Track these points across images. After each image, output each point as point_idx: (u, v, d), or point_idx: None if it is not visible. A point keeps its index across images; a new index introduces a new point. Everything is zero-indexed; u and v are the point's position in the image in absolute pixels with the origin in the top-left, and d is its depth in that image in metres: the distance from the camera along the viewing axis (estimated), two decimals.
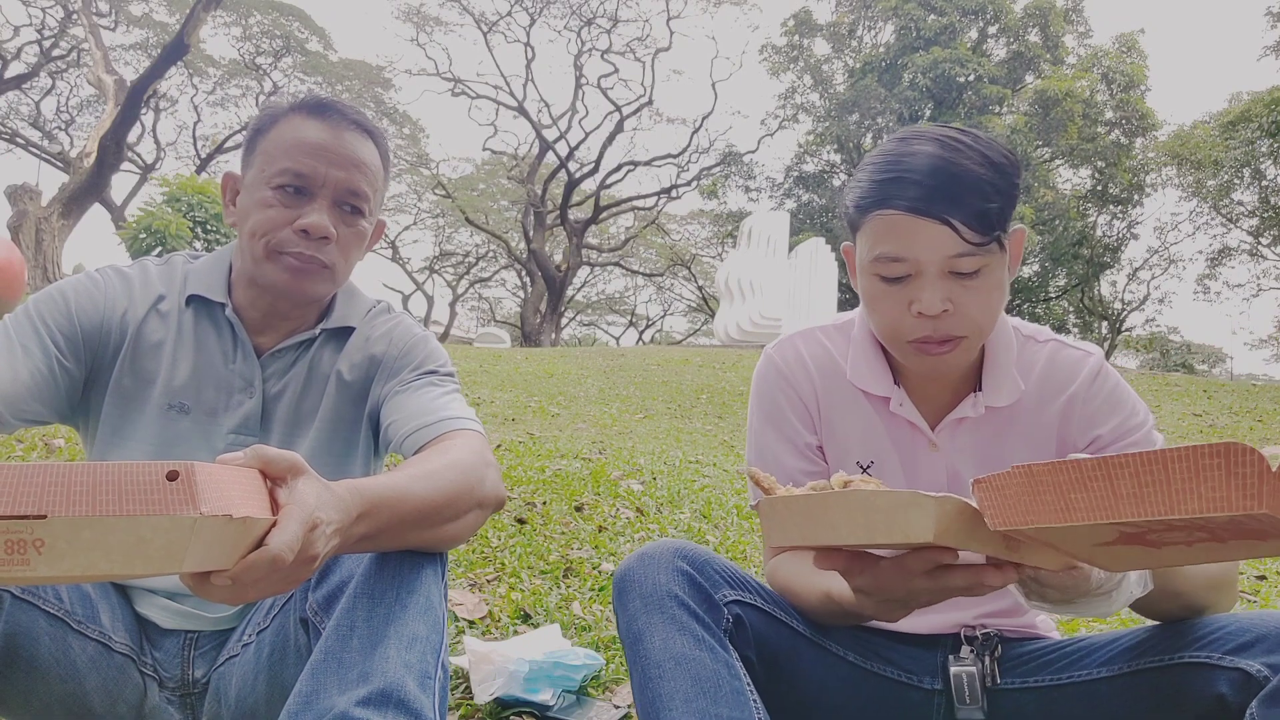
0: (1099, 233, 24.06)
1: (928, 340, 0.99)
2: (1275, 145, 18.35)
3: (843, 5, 25.11)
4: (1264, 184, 20.35)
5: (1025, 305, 24.90)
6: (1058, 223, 22.74)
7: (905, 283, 0.98)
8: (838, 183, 24.18)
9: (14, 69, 19.31)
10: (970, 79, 22.41)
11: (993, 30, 23.99)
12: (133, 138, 19.51)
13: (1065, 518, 0.59)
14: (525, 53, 23.28)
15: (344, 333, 1.18)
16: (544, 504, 3.03)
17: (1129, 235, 24.53)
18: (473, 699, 1.50)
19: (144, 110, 16.76)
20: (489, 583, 2.17)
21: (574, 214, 23.72)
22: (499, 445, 4.31)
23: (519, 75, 33.69)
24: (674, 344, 26.86)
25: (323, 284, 1.11)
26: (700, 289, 30.59)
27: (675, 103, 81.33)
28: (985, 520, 0.66)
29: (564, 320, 30.13)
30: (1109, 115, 22.27)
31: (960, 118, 21.44)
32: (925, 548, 0.74)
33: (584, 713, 1.51)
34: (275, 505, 0.67)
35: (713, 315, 19.37)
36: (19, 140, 20.23)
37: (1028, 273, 24.41)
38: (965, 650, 1.09)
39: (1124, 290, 26.30)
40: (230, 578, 0.63)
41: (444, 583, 0.96)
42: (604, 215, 25.50)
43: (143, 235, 8.12)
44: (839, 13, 25.22)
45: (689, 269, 30.31)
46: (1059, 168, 23.70)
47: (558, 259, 24.05)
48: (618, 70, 23.63)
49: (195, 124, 24.07)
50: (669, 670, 0.90)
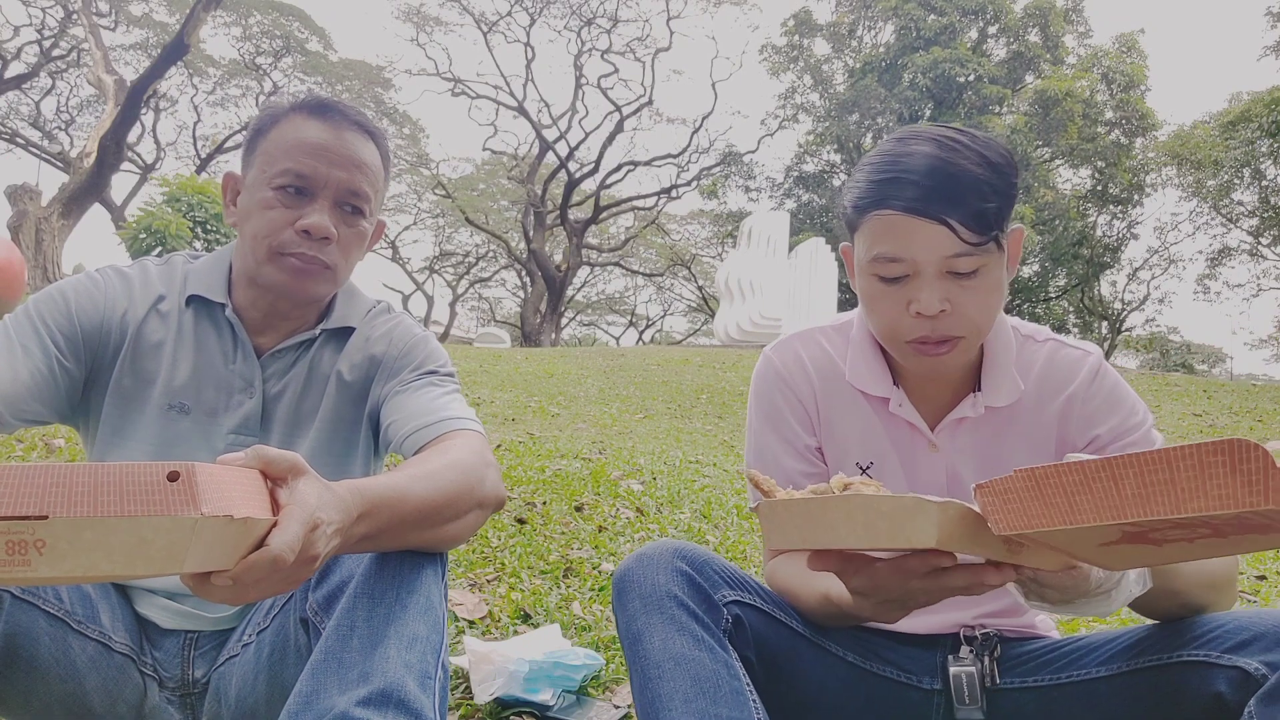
0: (1099, 233, 24.05)
1: (926, 340, 0.99)
2: (1275, 145, 18.34)
3: (843, 5, 25.11)
4: (1264, 184, 20.35)
5: (1025, 305, 24.89)
6: (1058, 223, 22.73)
7: (903, 283, 0.98)
8: (838, 183, 24.17)
9: (14, 69, 19.32)
10: (970, 79, 22.40)
11: (993, 30, 23.99)
12: (133, 138, 19.52)
13: (1070, 520, 0.59)
14: (525, 53, 23.29)
15: (344, 333, 1.19)
16: (544, 504, 3.03)
17: (1129, 235, 24.54)
18: (473, 699, 1.50)
19: (144, 110, 16.76)
20: (489, 583, 2.18)
21: (574, 214, 23.71)
22: (499, 445, 4.31)
23: (519, 75, 33.72)
24: (674, 344, 26.85)
25: (324, 284, 1.11)
26: (700, 289, 30.58)
27: (675, 103, 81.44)
28: (989, 525, 0.66)
29: (564, 320, 30.12)
30: (1109, 115, 22.27)
31: (960, 118, 21.43)
32: (925, 551, 0.74)
33: (584, 713, 1.51)
34: (276, 506, 0.68)
35: (713, 315, 19.36)
36: (19, 140, 20.22)
37: (1028, 273, 24.40)
38: (965, 650, 1.09)
39: (1124, 290, 26.33)
40: (231, 578, 0.63)
41: (444, 583, 0.96)
42: (604, 215, 25.49)
43: (143, 235, 8.12)
44: (839, 13, 25.21)
45: (689, 269, 30.30)
46: (1059, 168, 23.69)
47: (558, 259, 24.04)
48: (618, 70, 23.65)
49: (195, 124, 24.11)
50: (668, 670, 0.90)
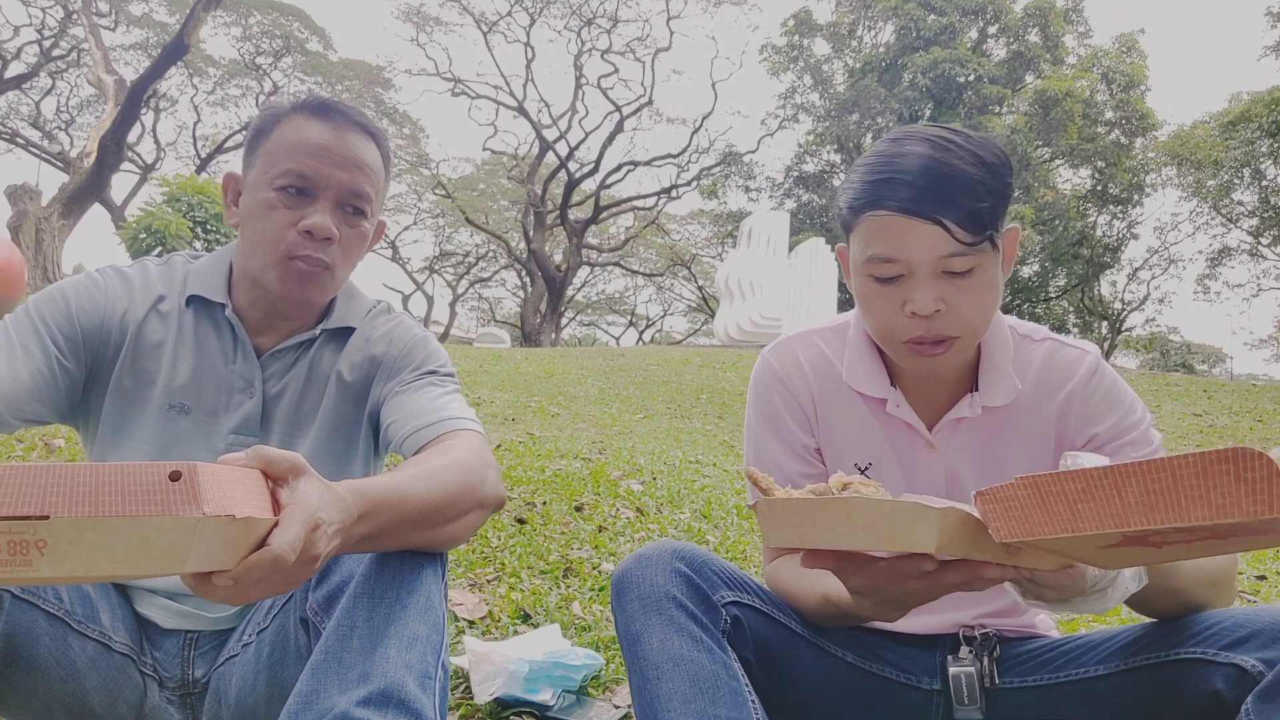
0: (1099, 233, 24.05)
1: (922, 341, 0.99)
2: (1275, 145, 18.34)
3: (843, 5, 25.11)
4: (1264, 184, 20.35)
5: (1025, 305, 24.88)
6: (1058, 223, 22.73)
7: (898, 283, 0.98)
8: (838, 183, 24.13)
9: (14, 69, 19.31)
10: (970, 79, 22.40)
11: (993, 30, 23.99)
12: (133, 138, 19.52)
13: (1072, 528, 0.58)
14: (525, 53, 23.28)
15: (344, 333, 1.19)
16: (544, 504, 3.03)
17: (1129, 235, 24.54)
18: (473, 699, 1.50)
19: (144, 110, 16.75)
20: (489, 583, 2.18)
21: (574, 214, 23.70)
22: (499, 445, 4.31)
23: (519, 75, 33.71)
24: (674, 344, 26.84)
25: (324, 286, 1.11)
26: (700, 289, 30.58)
27: (675, 103, 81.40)
28: (991, 533, 0.66)
29: (564, 320, 30.12)
30: (1109, 115, 22.27)
31: (960, 118, 21.44)
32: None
33: (584, 713, 1.51)
34: (277, 505, 0.68)
35: (713, 315, 19.36)
36: (19, 140, 20.22)
37: (1028, 273, 24.41)
38: (964, 650, 1.09)
39: (1124, 290, 26.33)
40: (232, 578, 0.63)
41: (444, 583, 0.96)
42: (604, 215, 25.48)
43: (143, 235, 8.12)
44: (839, 13, 25.22)
45: (689, 269, 30.30)
46: (1059, 168, 23.70)
47: (558, 259, 24.03)
48: (618, 70, 23.64)
49: (195, 124, 24.10)
50: (667, 671, 0.90)
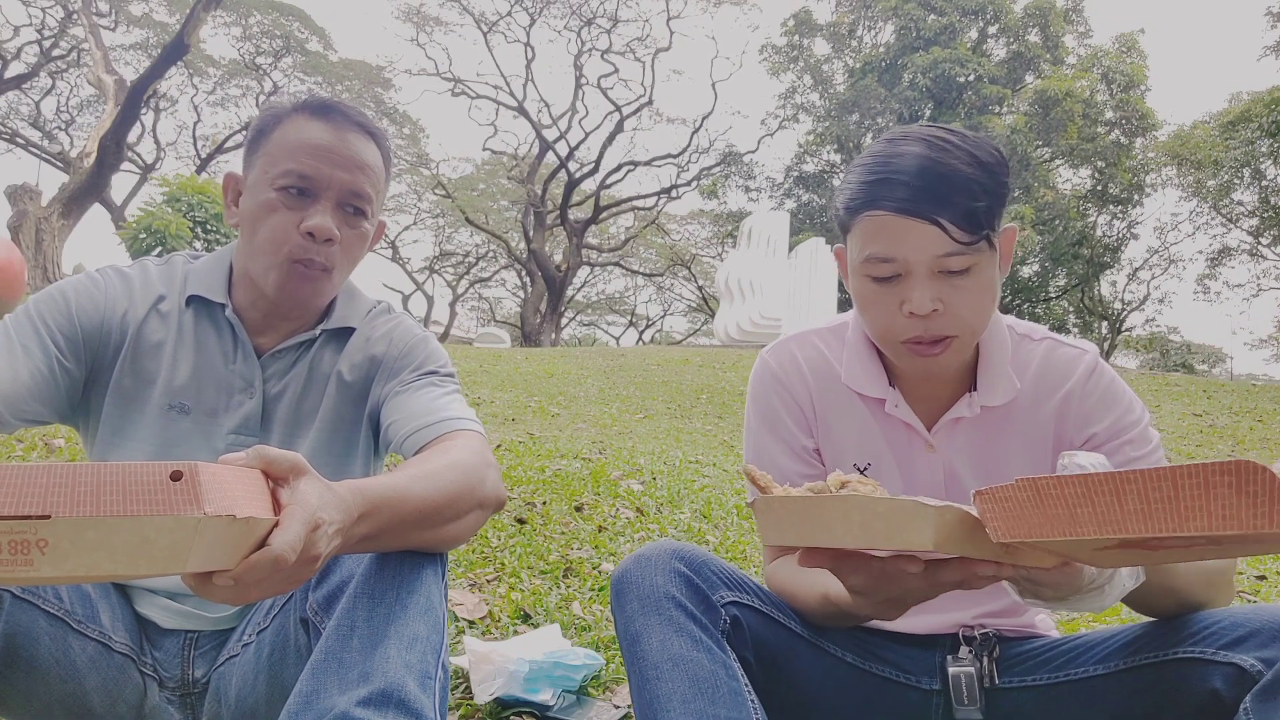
0: (1099, 233, 24.05)
1: (920, 341, 0.99)
2: (1275, 145, 18.34)
3: (843, 5, 25.11)
4: (1264, 184, 20.36)
5: (1025, 305, 24.88)
6: (1058, 223, 22.72)
7: (895, 283, 0.98)
8: (838, 183, 24.15)
9: (14, 69, 19.31)
10: (970, 79, 22.40)
11: (993, 30, 23.99)
12: (133, 138, 19.52)
13: (1070, 532, 0.58)
14: (525, 53, 23.28)
15: (344, 333, 1.19)
16: (544, 504, 3.04)
17: (1129, 235, 24.54)
18: (473, 699, 1.51)
19: (144, 110, 16.76)
20: (489, 583, 2.18)
21: (574, 214, 23.70)
22: (499, 445, 4.31)
23: (519, 75, 33.74)
24: (674, 344, 26.84)
25: (322, 290, 1.11)
26: (700, 289, 30.58)
27: (675, 103, 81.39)
28: (988, 532, 0.66)
29: (564, 320, 30.12)
30: (1109, 115, 22.27)
31: (960, 118, 21.44)
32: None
33: (584, 713, 1.51)
34: (277, 505, 0.68)
35: (713, 315, 19.36)
36: (19, 140, 20.22)
37: (1028, 273, 24.41)
38: (964, 650, 1.09)
39: (1124, 290, 26.33)
40: (233, 578, 0.63)
41: (444, 583, 0.96)
42: (604, 215, 25.48)
43: (143, 235, 8.12)
44: (839, 13, 25.22)
45: (689, 269, 30.30)
46: (1059, 168, 23.69)
47: (558, 259, 24.03)
48: (618, 70, 23.64)
49: (195, 124, 24.10)
50: (666, 671, 0.90)
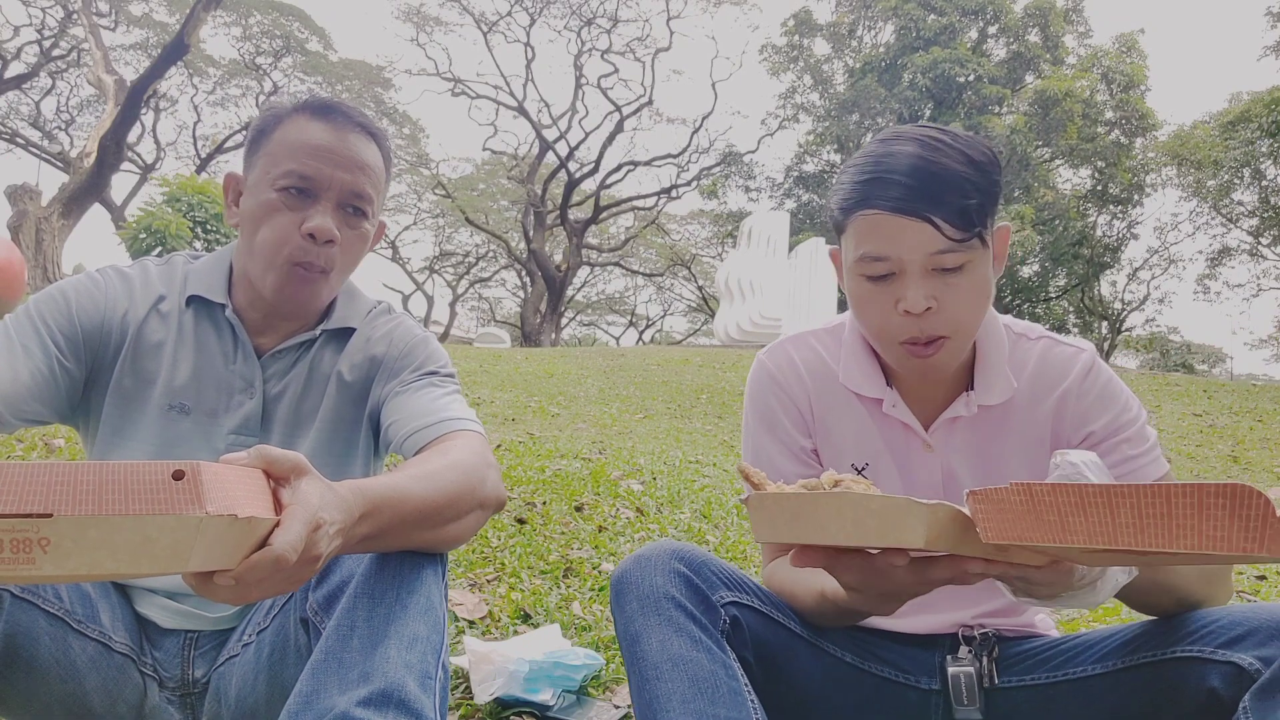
0: (1099, 233, 24.04)
1: (916, 342, 1.00)
2: (1275, 145, 18.35)
3: (843, 5, 25.12)
4: (1264, 184, 20.36)
5: (1025, 305, 24.88)
6: (1058, 223, 22.72)
7: (890, 281, 0.99)
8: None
9: (14, 69, 19.31)
10: (970, 79, 22.40)
11: (993, 30, 23.99)
12: (133, 138, 19.52)
13: (1061, 539, 0.59)
14: (525, 53, 23.28)
15: (344, 333, 1.19)
16: (544, 504, 3.04)
17: (1129, 235, 24.53)
18: (473, 699, 1.51)
19: (144, 110, 16.75)
20: (489, 583, 2.18)
21: (574, 214, 23.70)
22: (499, 445, 4.31)
23: (519, 75, 33.74)
24: (674, 344, 26.84)
25: (320, 292, 1.11)
26: (700, 289, 30.58)
27: (675, 103, 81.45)
28: (978, 533, 0.66)
29: (564, 320, 30.11)
30: (1109, 115, 22.27)
31: (960, 118, 21.44)
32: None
33: (584, 713, 1.51)
34: (278, 505, 0.68)
35: (713, 315, 19.36)
36: (19, 140, 20.21)
37: (1028, 273, 24.40)
38: (963, 650, 1.09)
39: (1124, 290, 26.32)
40: (234, 578, 0.63)
41: (444, 583, 0.96)
42: (604, 215, 25.48)
43: (143, 235, 8.12)
44: (839, 13, 25.22)
45: (689, 269, 30.30)
46: (1059, 168, 23.69)
47: (558, 259, 24.03)
48: (618, 70, 23.64)
49: (195, 124, 24.10)
50: (666, 671, 0.90)
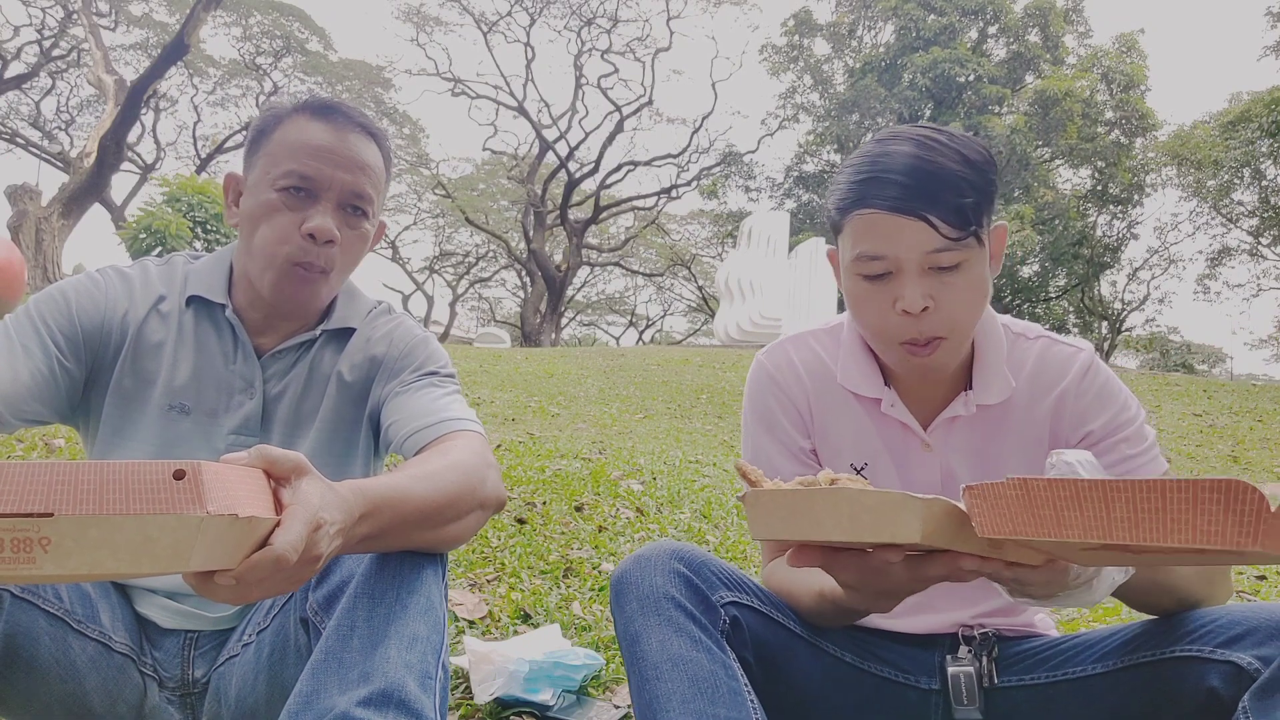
0: (1099, 233, 24.04)
1: (914, 342, 1.00)
2: (1275, 145, 18.35)
3: (843, 5, 25.12)
4: (1264, 184, 20.36)
5: (1025, 305, 24.88)
6: (1058, 223, 22.72)
7: (887, 280, 0.99)
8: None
9: (14, 69, 19.31)
10: (970, 79, 22.41)
11: (993, 30, 23.99)
12: (133, 138, 19.52)
13: (1056, 534, 0.59)
14: (525, 53, 23.28)
15: (345, 334, 1.19)
16: (544, 504, 3.04)
17: (1129, 235, 24.53)
18: (473, 699, 1.51)
19: (144, 110, 16.75)
20: (489, 583, 2.18)
21: (574, 214, 23.70)
22: (499, 445, 4.31)
23: (519, 75, 33.75)
24: (674, 344, 26.83)
25: (319, 292, 1.12)
26: (700, 289, 30.58)
27: (675, 103, 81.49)
28: (974, 528, 0.66)
29: (564, 320, 30.11)
30: (1109, 115, 22.27)
31: (960, 118, 21.44)
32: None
33: (584, 713, 1.51)
34: (279, 505, 0.68)
35: (713, 315, 19.36)
36: (19, 140, 20.21)
37: (1028, 273, 24.40)
38: (963, 650, 1.09)
39: (1124, 290, 26.32)
40: (234, 577, 0.63)
41: (444, 583, 0.96)
42: (604, 215, 25.48)
43: (143, 235, 8.13)
44: (839, 13, 25.22)
45: (689, 269, 30.30)
46: (1059, 168, 23.70)
47: (558, 259, 24.03)
48: (618, 70, 23.64)
49: (195, 124, 24.10)
50: (666, 671, 0.90)
